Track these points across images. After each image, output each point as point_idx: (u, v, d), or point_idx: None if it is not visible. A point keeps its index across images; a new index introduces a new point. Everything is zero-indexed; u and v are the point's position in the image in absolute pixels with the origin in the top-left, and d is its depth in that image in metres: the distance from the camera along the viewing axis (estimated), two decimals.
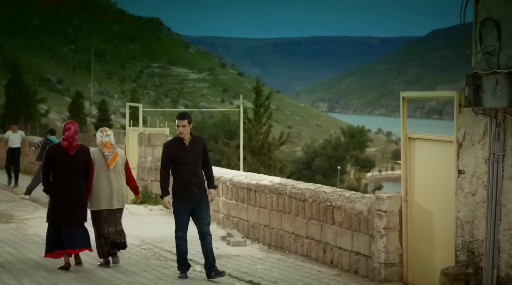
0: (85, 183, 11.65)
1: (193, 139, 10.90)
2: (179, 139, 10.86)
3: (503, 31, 9.22)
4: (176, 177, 10.83)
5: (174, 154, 10.76)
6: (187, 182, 10.75)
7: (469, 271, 9.63)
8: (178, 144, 10.84)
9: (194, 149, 10.84)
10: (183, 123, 10.74)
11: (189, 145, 10.84)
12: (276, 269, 11.73)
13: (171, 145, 10.93)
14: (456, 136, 9.88)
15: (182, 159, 10.75)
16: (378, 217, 10.77)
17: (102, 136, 11.98)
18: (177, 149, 10.79)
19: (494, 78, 8.95)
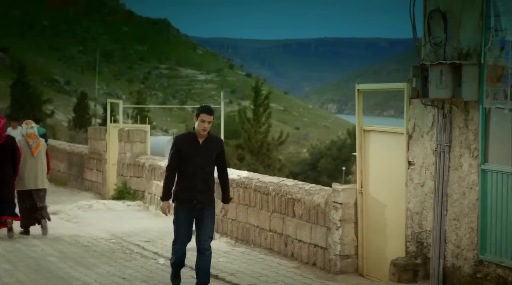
0: (13, 167, 13.73)
1: (209, 139, 9.20)
2: (193, 136, 9.19)
3: (449, 23, 9.28)
4: (180, 177, 9.24)
5: (182, 150, 9.14)
6: (191, 186, 9.15)
7: (417, 262, 9.67)
8: (191, 140, 9.19)
9: (208, 149, 9.18)
10: (210, 119, 9.07)
11: (203, 143, 9.17)
12: (238, 262, 11.78)
13: (181, 140, 9.28)
14: (406, 128, 9.93)
15: (190, 157, 9.12)
16: (334, 209, 10.82)
17: (27, 128, 14.33)
18: (188, 145, 9.17)
19: (438, 69, 9.00)
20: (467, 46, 9.02)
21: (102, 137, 19.50)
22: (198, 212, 9.23)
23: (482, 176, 8.78)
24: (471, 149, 8.94)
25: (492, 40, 8.65)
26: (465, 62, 8.87)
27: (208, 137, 9.18)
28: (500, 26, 8.54)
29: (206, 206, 9.27)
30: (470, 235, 8.97)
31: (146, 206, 17.33)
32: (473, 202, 8.90)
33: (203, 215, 9.26)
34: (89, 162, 20.47)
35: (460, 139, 9.11)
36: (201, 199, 9.21)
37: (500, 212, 8.56)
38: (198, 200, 9.18)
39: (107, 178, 19.25)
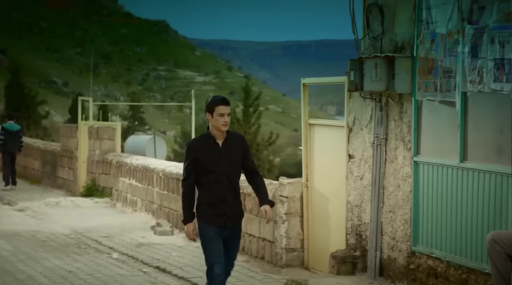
0: None
1: (230, 138, 7.49)
2: (209, 138, 7.43)
3: (386, 16, 9.34)
4: (203, 190, 7.49)
5: (200, 158, 7.39)
6: (217, 199, 7.43)
7: (356, 254, 9.73)
8: (208, 144, 7.42)
9: (231, 150, 7.46)
10: (229, 111, 7.43)
11: (224, 145, 7.44)
12: (189, 256, 11.84)
13: (196, 145, 7.47)
14: (346, 121, 9.99)
15: (212, 165, 7.39)
16: (280, 202, 10.87)
17: None
18: (205, 150, 7.41)
19: (373, 62, 9.05)
20: (402, 39, 9.08)
21: (74, 135, 19.57)
22: (228, 231, 7.52)
23: (414, 168, 8.84)
24: (405, 141, 9.00)
25: (423, 33, 8.71)
26: (398, 55, 8.92)
27: (228, 136, 7.45)
28: (431, 19, 8.60)
29: (237, 223, 7.65)
30: (404, 227, 9.03)
31: (113, 203, 17.38)
32: (407, 194, 8.96)
33: (232, 234, 7.58)
34: (61, 160, 20.54)
35: (395, 132, 9.17)
36: (231, 214, 7.51)
37: (431, 203, 8.62)
38: (228, 215, 7.47)
39: (78, 175, 19.31)
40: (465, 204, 8.12)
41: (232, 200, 7.51)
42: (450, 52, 8.31)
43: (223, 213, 7.44)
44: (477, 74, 7.90)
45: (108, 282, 10.23)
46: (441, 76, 8.44)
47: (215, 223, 7.43)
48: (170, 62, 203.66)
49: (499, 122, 7.74)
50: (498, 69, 7.65)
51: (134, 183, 16.27)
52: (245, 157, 7.58)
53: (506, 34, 7.57)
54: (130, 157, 17.37)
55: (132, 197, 16.38)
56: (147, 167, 15.66)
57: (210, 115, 7.37)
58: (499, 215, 7.69)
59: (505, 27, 7.58)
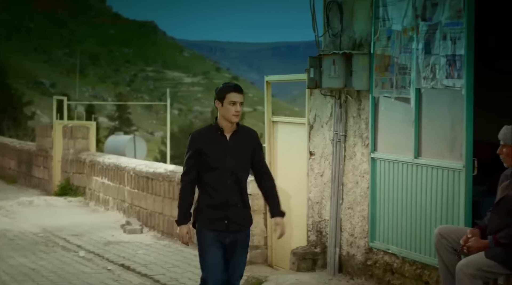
0: None
1: (239, 131, 6.58)
2: (216, 129, 6.53)
3: (345, 13, 9.38)
4: (203, 190, 6.58)
5: (204, 151, 6.48)
6: (219, 200, 6.51)
7: (316, 251, 9.76)
8: (214, 135, 6.52)
9: (239, 145, 6.54)
10: (242, 99, 6.53)
11: (232, 138, 6.54)
12: (155, 254, 11.86)
13: (200, 136, 6.57)
14: (307, 119, 10.03)
15: (216, 160, 6.48)
16: None
17: None
18: (210, 142, 6.51)
19: (331, 59, 9.08)
20: (360, 36, 9.12)
21: (49, 134, 19.56)
22: (231, 237, 6.57)
23: (372, 164, 8.88)
24: (363, 138, 9.04)
25: (380, 30, 8.75)
26: (356, 52, 8.96)
27: (237, 129, 6.55)
28: (388, 16, 8.64)
29: (242, 229, 6.64)
30: (362, 223, 9.07)
31: (87, 202, 17.39)
32: (365, 190, 9.00)
33: (236, 242, 6.61)
34: (37, 159, 20.52)
35: (354, 129, 9.21)
36: (235, 218, 6.54)
37: (387, 200, 8.66)
38: (231, 219, 6.52)
39: (53, 174, 19.30)
40: (419, 199, 8.16)
41: (236, 202, 6.51)
42: (405, 49, 8.35)
43: (224, 216, 6.47)
44: (430, 71, 7.95)
45: (70, 280, 10.24)
46: (397, 73, 8.49)
47: (216, 227, 6.48)
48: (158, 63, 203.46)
49: (451, 118, 7.79)
50: (450, 66, 7.71)
51: (106, 182, 16.27)
52: (256, 156, 6.62)
53: (457, 31, 7.62)
54: (103, 156, 17.38)
55: (104, 195, 16.38)
56: (118, 165, 15.67)
57: (220, 103, 6.47)
58: (451, 210, 7.73)
59: (457, 24, 7.63)
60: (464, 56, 7.52)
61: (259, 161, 6.72)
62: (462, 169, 7.57)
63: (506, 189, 6.63)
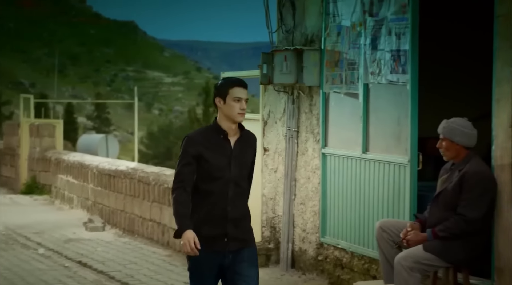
0: None
1: (244, 135, 5.53)
2: (217, 131, 5.44)
3: (298, 10, 9.42)
4: (199, 202, 5.43)
5: (205, 157, 5.38)
6: (219, 215, 5.42)
7: (270, 246, 9.79)
8: (216, 140, 5.43)
9: (243, 152, 5.53)
10: (247, 96, 5.48)
11: (237, 144, 5.47)
12: (114, 251, 11.83)
13: (200, 139, 5.42)
14: (261, 115, 10.06)
15: (219, 169, 5.42)
16: None
17: None
18: (212, 148, 5.41)
19: (282, 55, 9.11)
20: (311, 32, 9.16)
21: (16, 132, 19.50)
22: (230, 257, 5.44)
23: (322, 160, 8.92)
24: (314, 134, 9.07)
25: (330, 26, 8.79)
26: (307, 48, 8.99)
27: (242, 133, 5.51)
28: (337, 12, 8.68)
29: (245, 245, 5.53)
30: (313, 219, 9.10)
31: (52, 200, 17.34)
32: (316, 186, 9.03)
33: (242, 262, 5.46)
34: (4, 158, 20.45)
35: (306, 124, 9.24)
36: (235, 234, 5.46)
37: (337, 195, 8.70)
38: (230, 236, 5.43)
39: (20, 173, 19.24)
40: (366, 194, 8.21)
41: (238, 216, 5.46)
42: (354, 45, 8.40)
43: (224, 233, 5.40)
44: (376, 66, 8.00)
45: (24, 276, 10.20)
46: (346, 68, 8.53)
47: (213, 247, 5.38)
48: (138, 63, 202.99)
49: (397, 113, 7.84)
50: (395, 61, 7.75)
51: (71, 180, 16.23)
52: (252, 163, 5.67)
53: (402, 26, 7.66)
54: (68, 154, 17.33)
55: (69, 194, 16.34)
56: (82, 163, 15.63)
57: (222, 100, 5.41)
58: (397, 204, 7.77)
59: (402, 19, 7.68)
60: (409, 51, 7.57)
61: (251, 167, 5.68)
62: (407, 164, 7.62)
63: (445, 182, 6.68)
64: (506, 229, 6.51)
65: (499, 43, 6.60)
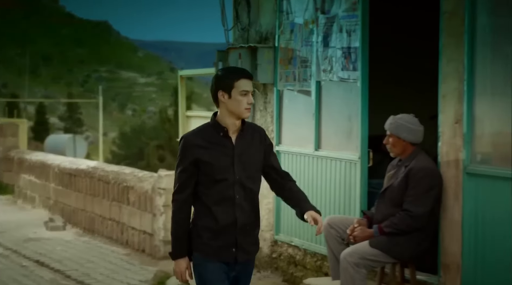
0: None
1: (247, 130, 4.96)
2: (216, 129, 4.90)
3: (253, 7, 9.41)
4: (204, 210, 4.93)
5: (204, 159, 4.85)
6: (227, 223, 4.90)
7: None
8: (216, 138, 4.89)
9: (248, 149, 4.94)
10: (252, 88, 4.98)
11: (238, 141, 4.92)
12: (73, 250, 11.78)
13: (197, 140, 4.89)
14: None
15: (222, 170, 4.88)
16: (158, 195, 10.87)
17: None
18: (213, 147, 4.88)
19: (237, 52, 9.10)
20: (266, 30, 9.16)
21: None
22: (237, 269, 4.98)
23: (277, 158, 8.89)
24: (269, 131, 9.06)
25: (284, 23, 8.79)
26: (261, 46, 8.99)
27: (244, 128, 4.93)
28: (291, 9, 8.68)
29: (250, 257, 5.09)
30: (268, 216, 9.10)
31: (15, 200, 17.23)
32: None
33: (243, 273, 5.05)
34: None
35: (261, 122, 9.22)
36: (245, 244, 4.97)
37: None
38: (240, 246, 4.94)
39: None
40: (319, 191, 8.22)
41: (247, 223, 4.95)
42: (306, 42, 8.40)
43: (232, 242, 4.89)
44: (328, 63, 8.01)
45: None
46: (299, 65, 8.54)
47: (221, 258, 4.89)
48: (112, 63, 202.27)
49: (348, 110, 7.85)
50: (346, 58, 7.76)
51: (33, 179, 16.13)
52: (268, 157, 5.06)
53: (352, 23, 7.68)
54: (31, 154, 17.22)
55: (31, 193, 16.24)
56: (44, 162, 15.54)
57: (226, 94, 4.83)
58: (348, 201, 7.79)
59: (352, 16, 7.70)
60: (359, 48, 7.58)
61: (273, 166, 5.10)
62: (358, 160, 7.64)
63: (392, 179, 6.71)
64: (451, 224, 6.54)
65: (445, 39, 6.64)
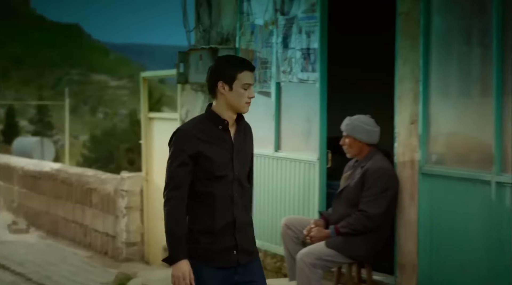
0: None
1: (242, 125, 4.63)
2: (215, 121, 4.51)
3: (214, 9, 9.40)
4: (200, 211, 4.49)
5: (205, 154, 4.44)
6: (226, 223, 4.49)
7: None
8: (215, 132, 4.50)
9: (243, 145, 4.60)
10: (253, 81, 4.62)
11: (236, 135, 4.57)
12: (35, 253, 11.74)
13: (196, 132, 4.46)
14: (179, 114, 10.03)
15: (222, 166, 4.49)
16: (121, 197, 10.84)
17: None
18: (212, 141, 4.48)
19: (198, 54, 9.09)
20: (227, 31, 9.15)
21: None
22: (241, 272, 4.52)
23: None
24: None
25: (244, 24, 8.79)
26: (221, 47, 8.98)
27: (241, 123, 4.60)
28: (251, 11, 8.69)
29: (253, 258, 4.60)
30: None
31: None
32: None
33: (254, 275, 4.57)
34: None
35: None
36: (245, 245, 4.55)
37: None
38: (240, 248, 4.52)
39: None
40: (279, 193, 8.22)
41: (245, 222, 4.54)
42: (267, 43, 8.41)
43: (232, 244, 4.47)
44: (287, 65, 8.02)
45: None
46: (259, 67, 8.53)
47: (221, 263, 4.43)
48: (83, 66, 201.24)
49: (307, 112, 7.86)
50: (305, 59, 7.78)
51: None
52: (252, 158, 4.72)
53: (311, 24, 7.70)
54: None
55: None
56: (8, 165, 15.43)
57: (227, 86, 4.47)
58: (307, 202, 7.80)
59: (311, 18, 7.71)
60: (318, 49, 7.60)
61: (251, 166, 4.71)
62: (317, 162, 7.65)
63: (348, 179, 6.73)
64: (407, 225, 6.58)
65: (401, 41, 6.67)
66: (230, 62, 4.55)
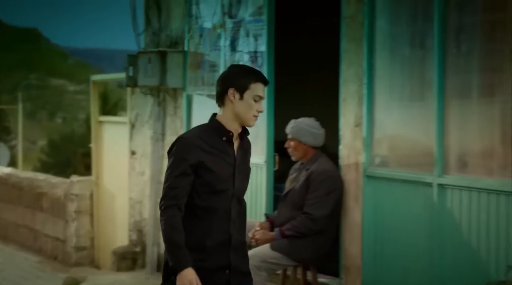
0: None
1: (245, 140, 4.44)
2: (219, 132, 4.29)
3: (163, 12, 9.39)
4: (196, 224, 4.21)
5: (207, 165, 4.18)
6: (221, 241, 4.22)
7: (136, 250, 9.71)
8: (219, 143, 4.26)
9: (244, 159, 4.41)
10: (265, 96, 4.39)
11: (239, 150, 4.37)
12: None
13: (200, 142, 4.22)
14: (129, 118, 9.98)
15: (224, 180, 4.23)
16: (70, 201, 10.76)
17: None
18: (215, 153, 4.23)
19: (146, 57, 9.06)
20: (176, 34, 9.14)
21: None
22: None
23: None
24: None
25: (193, 28, 8.79)
26: (170, 50, 8.97)
27: (245, 137, 4.43)
28: (200, 14, 8.69)
29: (245, 280, 4.33)
30: None
31: None
32: None
33: None
34: None
35: (171, 127, 9.21)
36: (238, 266, 4.28)
37: None
38: (234, 267, 4.25)
39: None
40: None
41: (240, 240, 4.29)
42: (215, 46, 8.41)
43: (225, 263, 4.21)
44: None
45: None
46: (208, 70, 8.54)
47: (209, 283, 4.15)
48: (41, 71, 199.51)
49: None
50: (253, 62, 7.79)
51: None
52: None
53: (258, 27, 7.72)
54: None
55: None
56: None
57: (238, 94, 4.26)
58: (254, 205, 7.81)
59: (258, 21, 7.73)
60: (265, 53, 7.62)
61: None
62: (264, 164, 7.66)
63: (293, 182, 6.74)
64: (352, 227, 6.61)
65: (346, 44, 6.71)
66: (245, 70, 4.30)
